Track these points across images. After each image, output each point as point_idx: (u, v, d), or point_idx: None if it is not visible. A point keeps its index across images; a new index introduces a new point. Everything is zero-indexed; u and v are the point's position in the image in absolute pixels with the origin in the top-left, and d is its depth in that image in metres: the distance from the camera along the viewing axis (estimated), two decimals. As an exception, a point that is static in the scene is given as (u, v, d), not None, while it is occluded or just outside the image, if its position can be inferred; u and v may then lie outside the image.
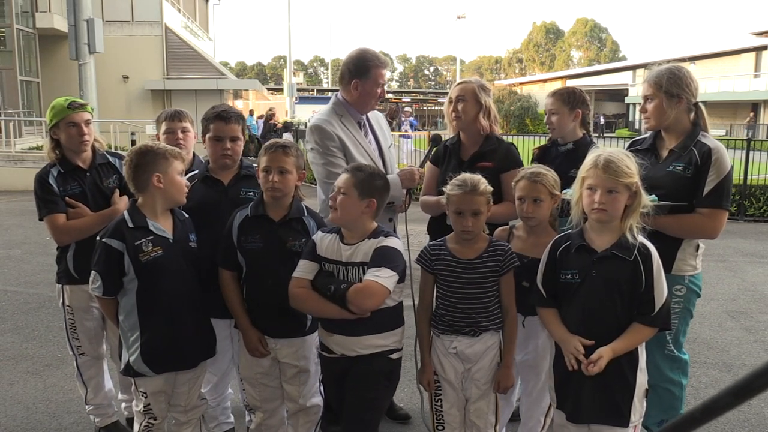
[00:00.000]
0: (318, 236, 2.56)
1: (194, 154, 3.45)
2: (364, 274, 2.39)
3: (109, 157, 3.21)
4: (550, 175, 2.67)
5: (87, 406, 3.34)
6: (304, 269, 2.49)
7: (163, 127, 3.33)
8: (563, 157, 3.15)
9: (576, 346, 2.27)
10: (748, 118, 34.29)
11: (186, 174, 2.76)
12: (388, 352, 2.50)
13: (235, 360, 3.00)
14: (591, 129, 3.45)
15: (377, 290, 2.33)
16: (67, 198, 3.02)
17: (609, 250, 2.28)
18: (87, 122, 3.07)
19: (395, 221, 3.33)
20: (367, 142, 3.29)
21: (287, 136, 16.94)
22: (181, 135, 3.30)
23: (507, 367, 2.57)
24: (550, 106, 3.26)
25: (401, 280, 2.46)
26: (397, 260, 2.43)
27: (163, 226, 2.58)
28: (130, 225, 2.51)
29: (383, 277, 2.34)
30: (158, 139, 3.34)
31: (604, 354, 2.21)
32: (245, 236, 2.64)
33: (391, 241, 2.46)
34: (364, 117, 3.34)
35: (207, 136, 2.92)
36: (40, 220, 3.04)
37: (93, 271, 2.53)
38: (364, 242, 2.45)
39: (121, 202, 3.07)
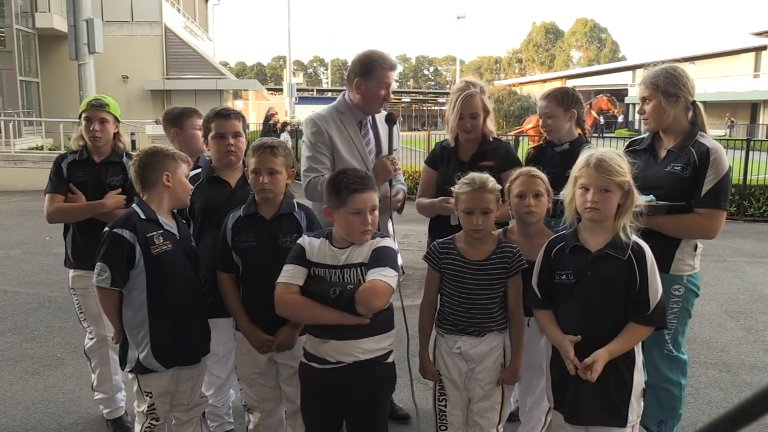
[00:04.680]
0: (305, 241, 2.43)
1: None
2: (362, 275, 2.33)
3: (124, 158, 3.32)
4: (543, 174, 2.69)
5: (95, 394, 3.43)
6: (293, 274, 2.36)
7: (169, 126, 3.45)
8: (559, 158, 3.12)
9: (571, 354, 2.26)
10: (729, 119, 34.39)
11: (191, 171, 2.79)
12: (384, 357, 2.42)
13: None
14: (588, 128, 3.43)
15: (386, 289, 2.27)
16: (70, 183, 3.23)
17: (603, 249, 2.28)
18: (102, 120, 3.23)
19: (390, 221, 3.28)
20: (364, 143, 3.26)
21: (285, 137, 16.90)
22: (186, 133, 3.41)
23: (515, 369, 2.56)
24: (544, 110, 3.20)
25: None
26: (396, 260, 2.39)
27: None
28: (142, 216, 2.52)
29: (389, 276, 2.29)
30: (174, 136, 3.41)
31: (600, 358, 2.21)
32: (239, 236, 2.65)
33: (387, 241, 2.42)
34: (369, 118, 3.32)
35: (210, 135, 2.94)
36: (45, 194, 3.26)
37: (99, 263, 2.48)
38: (359, 244, 2.38)
39: (109, 199, 3.19)
